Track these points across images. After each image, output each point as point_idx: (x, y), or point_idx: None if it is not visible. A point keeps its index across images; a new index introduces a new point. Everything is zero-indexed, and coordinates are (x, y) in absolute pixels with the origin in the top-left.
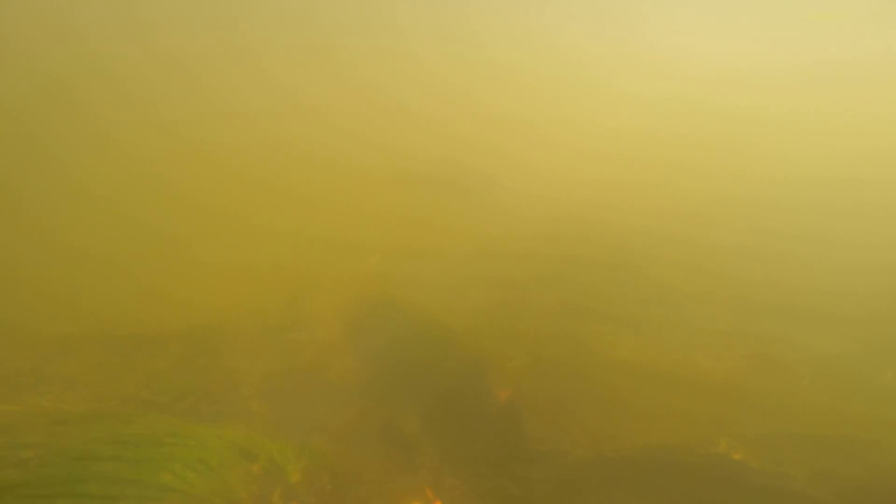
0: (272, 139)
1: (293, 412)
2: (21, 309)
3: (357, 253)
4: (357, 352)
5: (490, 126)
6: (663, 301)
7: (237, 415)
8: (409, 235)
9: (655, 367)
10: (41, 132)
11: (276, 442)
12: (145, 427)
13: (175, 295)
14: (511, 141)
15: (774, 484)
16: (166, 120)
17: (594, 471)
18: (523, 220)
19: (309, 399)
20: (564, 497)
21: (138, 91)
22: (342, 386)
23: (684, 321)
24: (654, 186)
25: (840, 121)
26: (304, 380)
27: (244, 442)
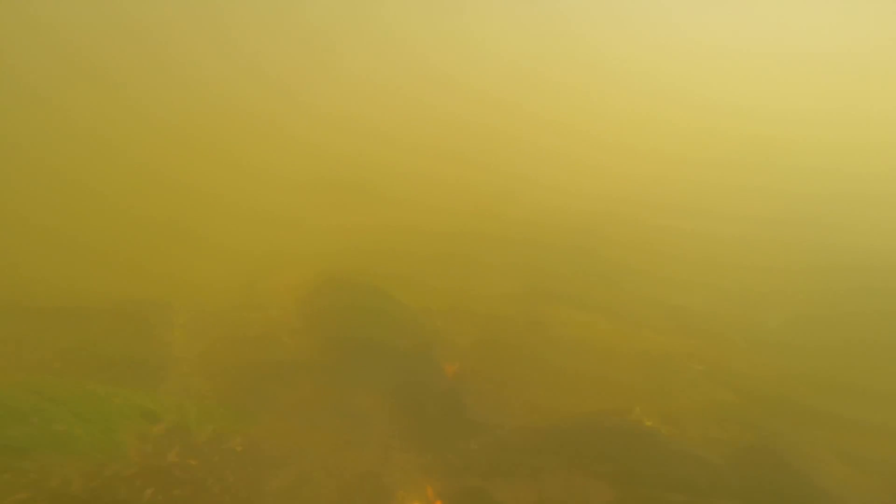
0: (231, 112)
1: (237, 387)
2: None
3: (315, 235)
4: (311, 331)
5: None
6: (621, 282)
7: (172, 388)
8: (371, 216)
9: (602, 343)
10: None
11: (186, 405)
12: (37, 393)
13: (115, 267)
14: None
15: (677, 448)
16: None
17: (527, 440)
18: (491, 205)
19: (256, 375)
20: (500, 466)
21: (92, 59)
22: (294, 364)
23: (639, 300)
24: (617, 173)
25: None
26: (252, 357)
27: (149, 405)
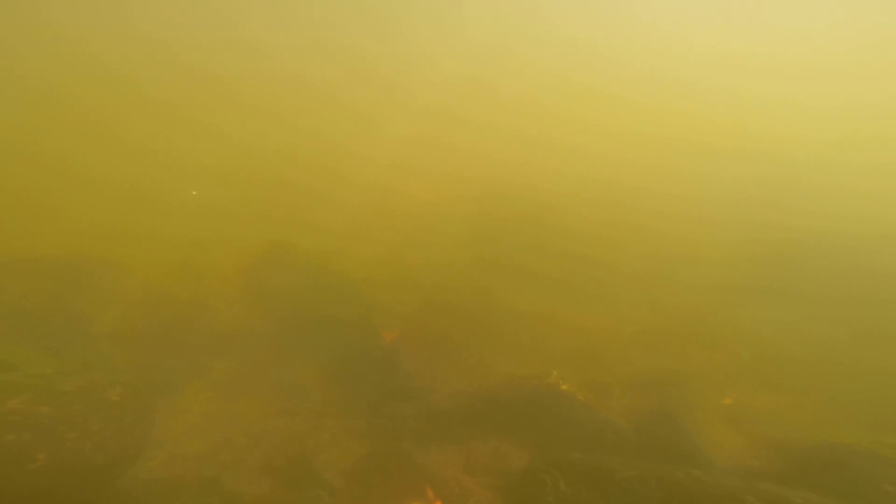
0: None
1: (156, 352)
2: None
3: (262, 205)
4: (250, 300)
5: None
6: (570, 256)
7: (76, 349)
8: (323, 190)
9: (541, 314)
10: None
11: (53, 356)
12: None
13: (36, 219)
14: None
15: (591, 414)
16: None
17: (456, 404)
18: (451, 181)
19: (183, 342)
20: (429, 430)
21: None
22: (229, 332)
23: (587, 275)
24: (577, 152)
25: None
26: (180, 323)
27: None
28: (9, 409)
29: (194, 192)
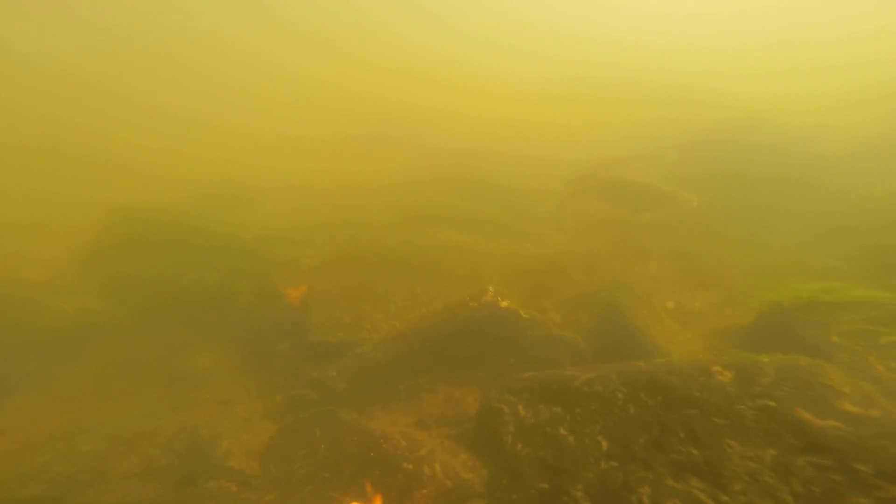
0: None
1: None
2: None
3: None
4: (103, 289)
5: None
6: (494, 201)
7: None
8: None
9: (477, 249)
10: None
11: None
12: None
13: None
14: None
15: (538, 331)
16: None
17: (391, 352)
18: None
19: (12, 359)
20: (361, 387)
21: None
22: (83, 334)
23: (521, 214)
24: (480, 117)
25: None
26: (7, 336)
27: None
28: None
29: None
